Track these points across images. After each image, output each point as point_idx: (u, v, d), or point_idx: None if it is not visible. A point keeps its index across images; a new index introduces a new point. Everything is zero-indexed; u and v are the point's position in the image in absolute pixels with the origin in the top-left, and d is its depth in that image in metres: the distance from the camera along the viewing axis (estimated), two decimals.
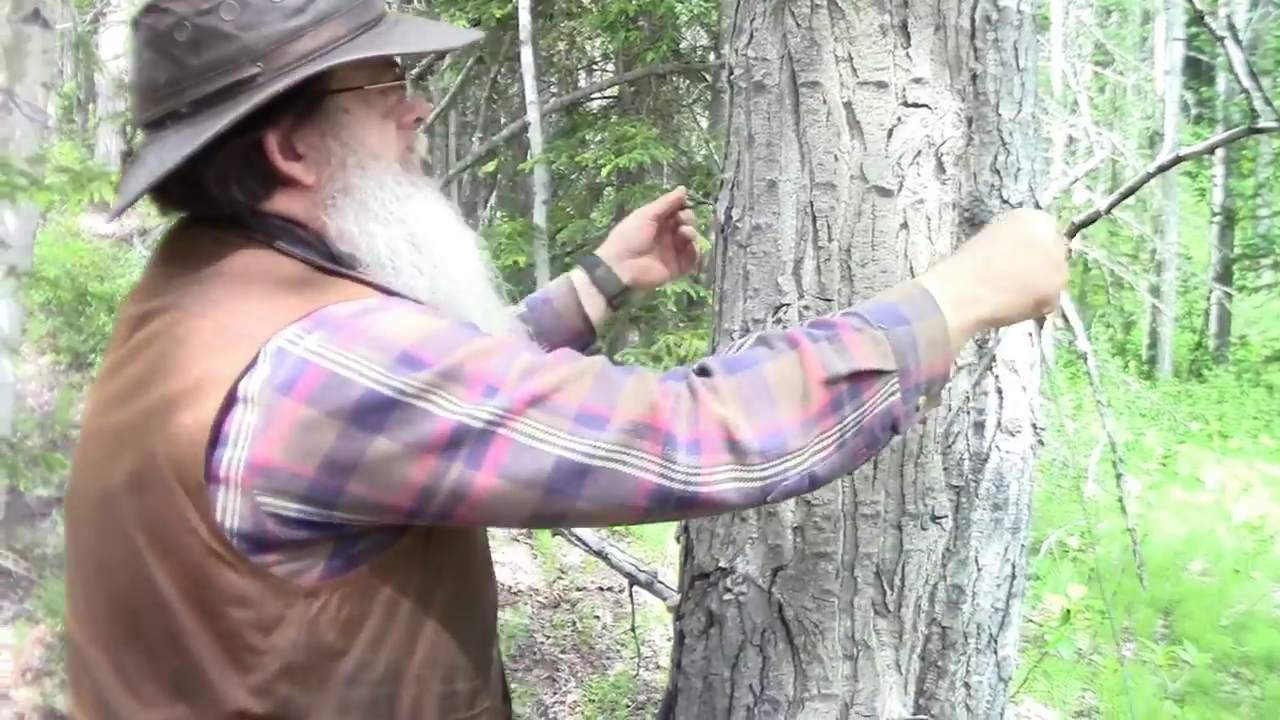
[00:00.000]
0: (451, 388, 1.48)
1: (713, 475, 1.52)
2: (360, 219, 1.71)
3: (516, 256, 13.52)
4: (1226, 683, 8.67)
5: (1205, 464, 15.81)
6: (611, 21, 13.30)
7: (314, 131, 1.69)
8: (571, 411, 1.50)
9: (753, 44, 2.23)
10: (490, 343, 1.55)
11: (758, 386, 1.55)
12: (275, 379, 1.48)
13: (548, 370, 1.53)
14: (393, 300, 1.61)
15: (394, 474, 1.47)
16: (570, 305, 2.45)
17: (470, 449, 1.48)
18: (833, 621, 2.19)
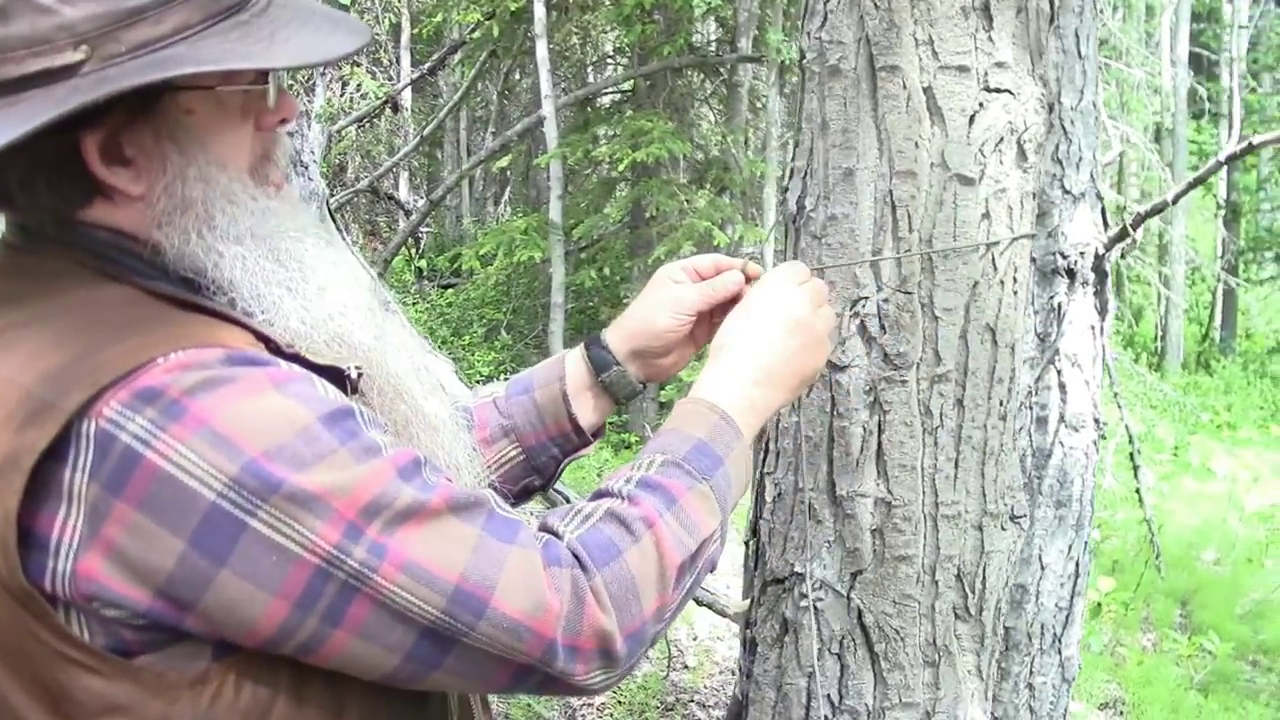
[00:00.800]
0: (306, 519, 1.28)
1: (585, 679, 1.44)
2: (205, 237, 1.43)
3: (532, 252, 13.42)
4: (1245, 671, 8.64)
5: (1216, 454, 15.77)
6: (627, 15, 13.20)
7: (146, 132, 1.40)
8: (449, 586, 1.34)
9: (827, 26, 2.13)
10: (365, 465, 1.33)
11: (625, 582, 1.47)
12: (102, 472, 1.25)
13: (424, 521, 1.35)
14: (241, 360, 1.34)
15: (240, 614, 1.29)
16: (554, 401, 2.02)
17: (329, 602, 1.31)
18: (914, 627, 2.12)
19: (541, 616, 1.38)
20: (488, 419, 2.03)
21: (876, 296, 2.09)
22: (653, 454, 1.64)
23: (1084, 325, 2.43)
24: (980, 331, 2.08)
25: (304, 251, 1.52)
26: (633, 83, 15.06)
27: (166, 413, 1.26)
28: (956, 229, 2.05)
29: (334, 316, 1.51)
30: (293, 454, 1.28)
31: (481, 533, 1.39)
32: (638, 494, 1.56)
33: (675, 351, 2.02)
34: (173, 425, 1.25)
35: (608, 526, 1.51)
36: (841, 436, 2.12)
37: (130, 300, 1.39)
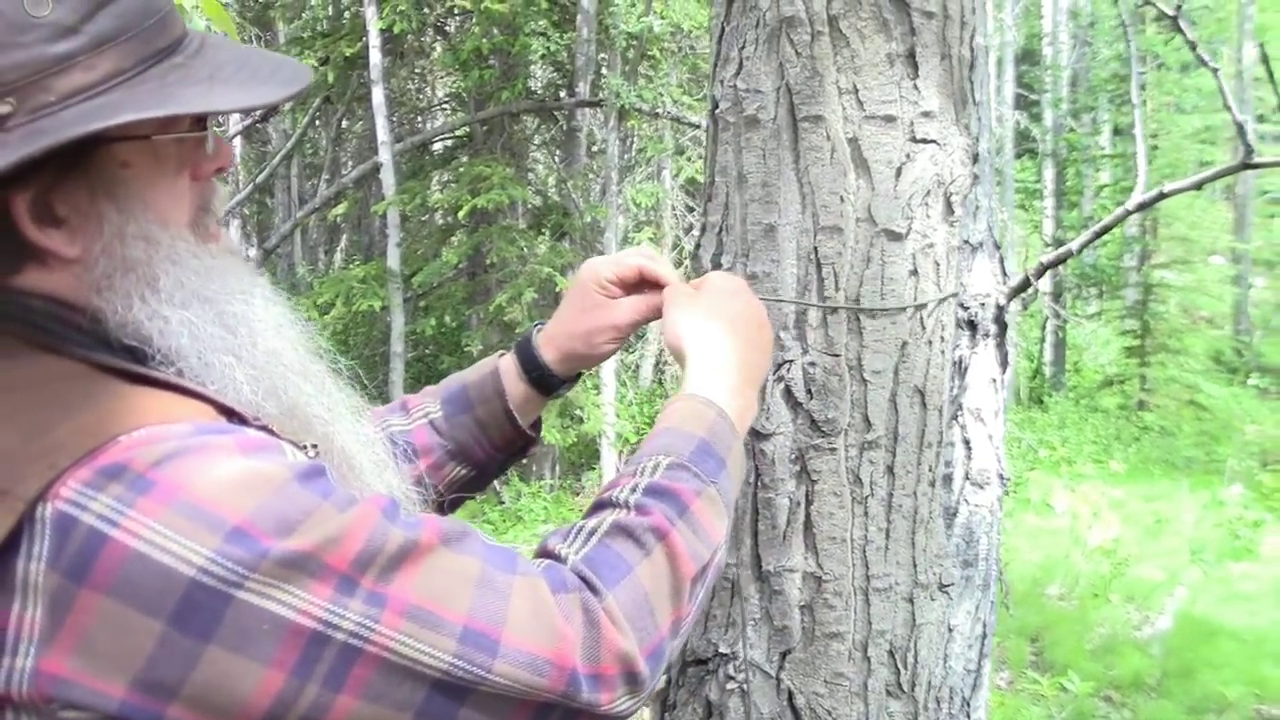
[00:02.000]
0: (297, 579, 1.18)
1: (611, 707, 1.36)
2: (149, 302, 1.32)
3: (371, 301, 13.21)
4: (1100, 708, 8.76)
5: (1055, 490, 16.08)
6: (464, 60, 13.11)
7: (81, 189, 1.29)
8: (456, 627, 1.25)
9: (743, 74, 2.02)
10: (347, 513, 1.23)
11: (639, 599, 1.40)
12: (62, 559, 1.13)
13: (419, 560, 1.26)
14: (208, 431, 1.24)
15: (231, 694, 1.16)
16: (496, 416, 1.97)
17: (330, 665, 1.20)
18: (846, 707, 2.01)
19: (558, 646, 1.30)
20: (430, 444, 1.98)
21: (802, 359, 1.97)
22: (655, 455, 1.58)
23: (986, 379, 2.35)
24: (910, 394, 1.99)
25: (251, 314, 1.41)
26: (469, 128, 14.96)
27: (133, 488, 1.15)
28: (884, 286, 1.96)
29: (286, 388, 1.41)
30: (276, 516, 1.19)
31: (482, 564, 1.31)
32: (646, 502, 1.49)
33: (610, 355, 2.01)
34: (141, 500, 1.15)
35: (615, 542, 1.45)
36: (767, 509, 2.00)
37: (74, 374, 1.27)
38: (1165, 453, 22.14)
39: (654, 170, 16.23)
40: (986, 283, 2.33)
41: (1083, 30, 31.55)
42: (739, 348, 1.74)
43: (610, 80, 13.36)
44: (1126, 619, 11.22)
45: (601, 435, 13.70)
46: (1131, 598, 11.76)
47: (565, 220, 14.26)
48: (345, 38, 13.99)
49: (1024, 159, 32.90)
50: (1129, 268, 28.50)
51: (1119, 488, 16.49)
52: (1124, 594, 11.76)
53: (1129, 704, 9.00)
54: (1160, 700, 8.98)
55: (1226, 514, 14.91)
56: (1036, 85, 31.70)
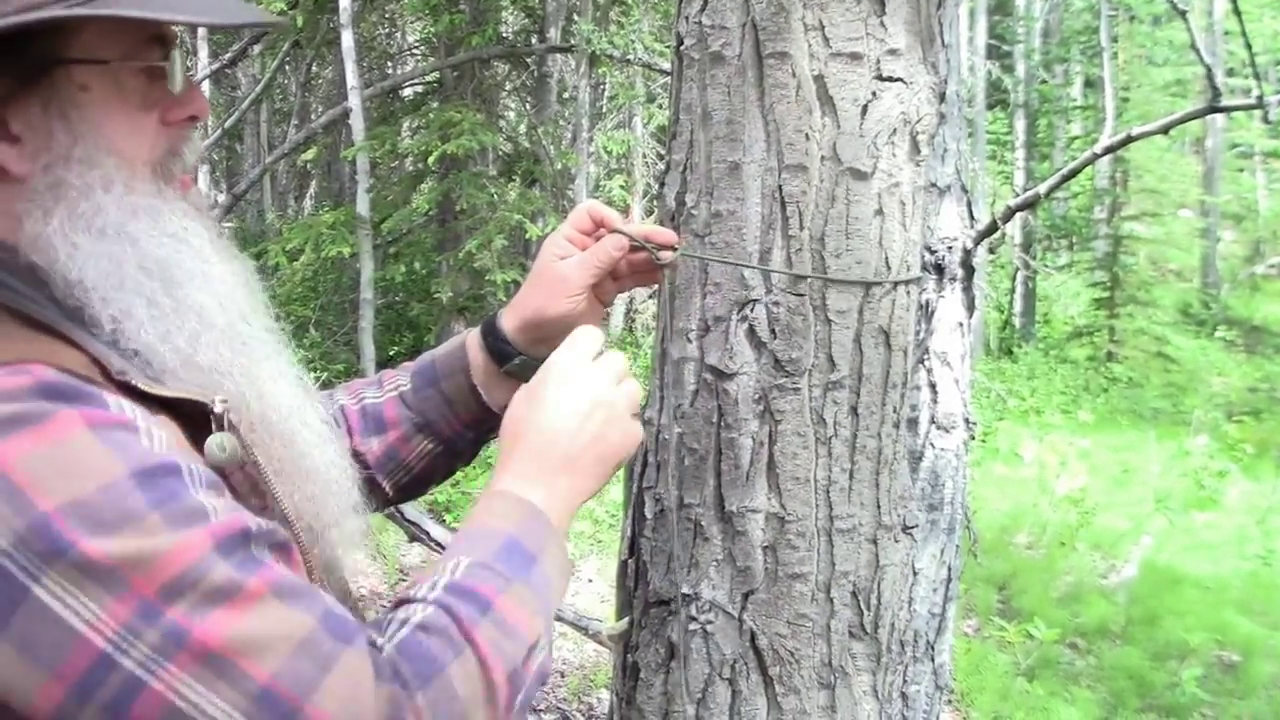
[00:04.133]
0: (94, 591, 1.11)
1: None
2: (67, 226, 1.29)
3: (340, 247, 13.12)
4: (1065, 655, 8.83)
5: (1023, 439, 16.18)
6: (434, 4, 13.01)
7: (35, 107, 1.28)
8: (255, 686, 1.15)
9: (708, 10, 1.99)
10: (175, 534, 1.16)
11: (452, 700, 1.29)
12: None
13: (241, 605, 1.17)
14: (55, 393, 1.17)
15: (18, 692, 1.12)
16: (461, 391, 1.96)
17: (112, 694, 1.12)
18: (809, 648, 2.00)
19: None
20: (399, 417, 1.95)
21: (766, 299, 1.96)
22: (456, 557, 1.46)
23: (952, 323, 2.35)
24: (874, 334, 1.97)
25: (178, 260, 1.36)
26: (439, 74, 14.85)
27: None
28: (849, 225, 1.94)
29: (199, 338, 1.34)
30: (91, 513, 1.12)
31: (314, 625, 1.22)
32: (448, 600, 1.38)
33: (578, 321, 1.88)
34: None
35: (427, 638, 1.33)
36: (730, 449, 1.98)
37: None
38: (1133, 403, 22.26)
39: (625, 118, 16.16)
40: (954, 226, 2.32)
41: None
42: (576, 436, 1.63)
43: (581, 26, 13.26)
44: (1093, 567, 11.31)
45: None
46: (1098, 546, 11.85)
47: (536, 167, 14.19)
48: None
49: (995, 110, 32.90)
50: (1099, 220, 28.61)
51: (1087, 438, 16.56)
52: (1090, 543, 11.85)
53: (1094, 650, 9.08)
54: (1125, 647, 9.06)
55: (1192, 464, 15.04)
56: (1009, 36, 31.67)
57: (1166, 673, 8.37)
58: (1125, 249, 26.10)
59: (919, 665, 2.29)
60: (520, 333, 1.94)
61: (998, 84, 30.46)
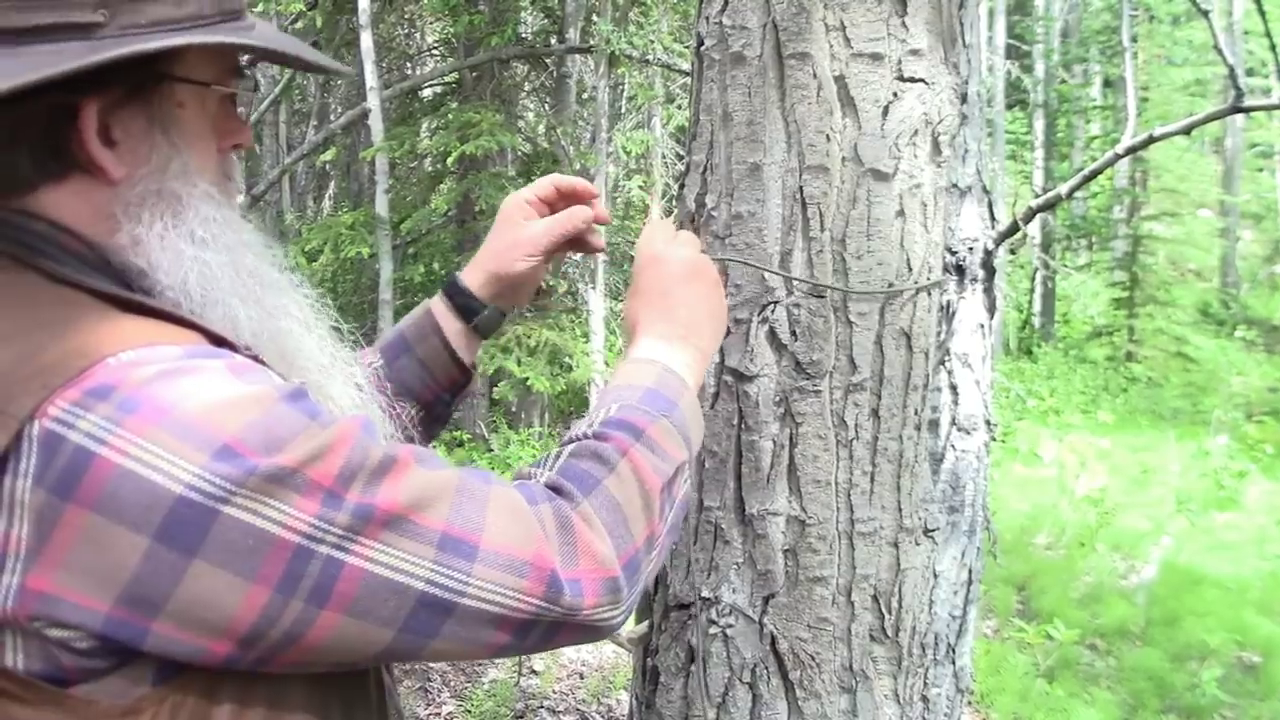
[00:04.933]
0: (283, 494, 1.19)
1: (594, 612, 1.38)
2: (169, 232, 1.36)
3: (359, 247, 13.11)
4: (1084, 655, 8.79)
5: (1043, 440, 16.13)
6: (454, 5, 13.00)
7: (139, 117, 1.35)
8: (434, 534, 1.27)
9: (729, 10, 1.99)
10: (331, 429, 1.25)
11: (613, 510, 1.44)
12: (48, 476, 1.14)
13: (400, 474, 1.28)
14: (198, 354, 1.26)
15: (215, 609, 1.18)
16: (438, 353, 2.03)
17: (314, 580, 1.21)
18: (830, 652, 1.99)
19: (536, 549, 1.33)
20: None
21: (786, 300, 1.95)
22: (606, 404, 1.62)
23: (973, 324, 2.33)
24: (895, 336, 1.97)
25: (262, 269, 1.47)
26: (459, 74, 14.84)
27: (122, 407, 1.17)
28: (870, 227, 1.93)
29: (286, 338, 1.47)
30: (264, 434, 1.20)
31: (458, 477, 1.34)
32: (603, 430, 1.54)
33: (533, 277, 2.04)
34: (129, 419, 1.16)
35: (581, 461, 1.48)
36: (750, 451, 1.98)
37: (67, 299, 1.28)
38: (1152, 403, 22.19)
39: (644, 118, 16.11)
40: (975, 227, 2.31)
41: None
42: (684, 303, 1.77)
43: (601, 26, 13.23)
44: (1112, 568, 11.24)
45: (590, 383, 13.65)
46: (1117, 547, 11.79)
47: (554, 167, 14.14)
48: None
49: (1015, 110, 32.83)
50: (1118, 220, 28.54)
51: (1106, 438, 16.52)
52: (1110, 543, 11.78)
53: (1113, 651, 9.02)
54: (1144, 648, 9.01)
55: (1212, 464, 14.96)
56: (1028, 35, 31.61)
57: (1187, 674, 8.32)
58: (1145, 249, 26.03)
59: (940, 668, 2.27)
60: (484, 288, 2.02)
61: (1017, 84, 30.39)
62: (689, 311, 1.77)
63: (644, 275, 1.82)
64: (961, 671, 2.36)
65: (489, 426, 14.56)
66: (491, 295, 2.03)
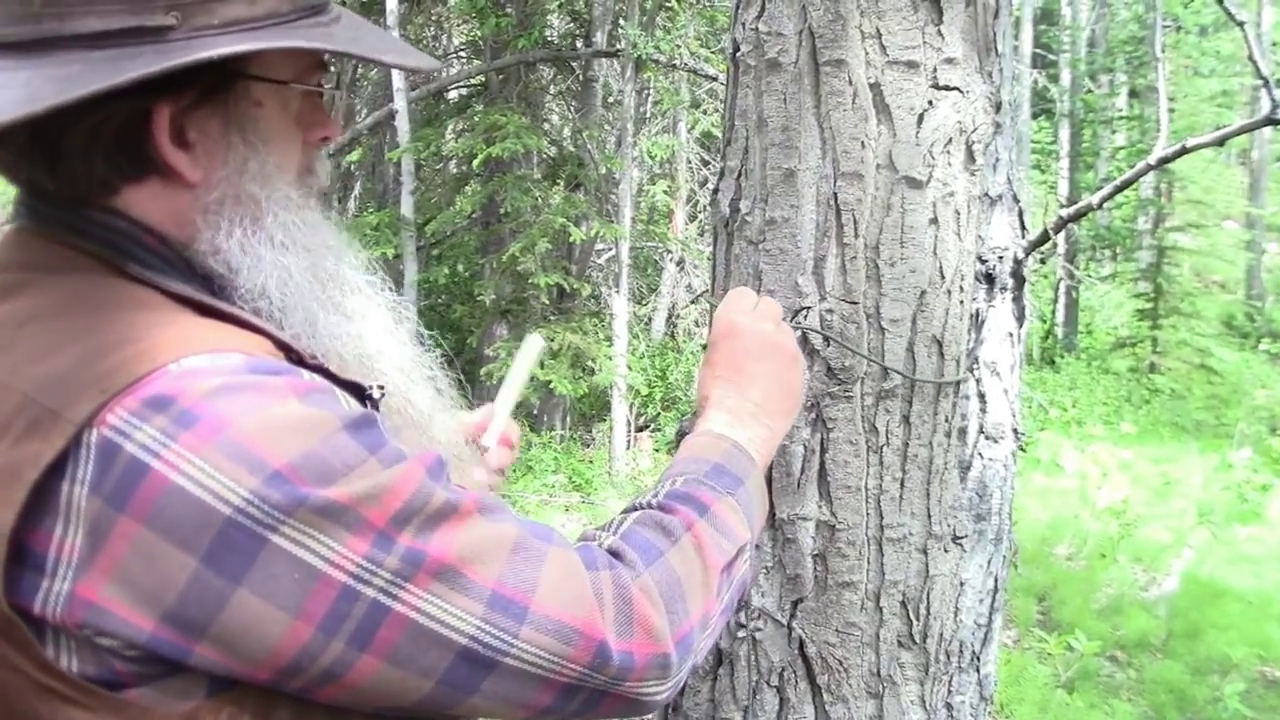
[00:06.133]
0: (334, 531, 1.17)
1: (640, 686, 1.37)
2: (249, 237, 1.36)
3: (384, 248, 13.15)
4: (1105, 667, 8.76)
5: (1064, 450, 16.07)
6: (481, 7, 13.03)
7: (215, 117, 1.33)
8: (486, 591, 1.25)
9: (765, 17, 2.00)
10: (394, 469, 1.23)
11: (672, 584, 1.42)
12: (104, 485, 1.14)
13: (459, 523, 1.26)
14: (262, 369, 1.24)
15: (257, 639, 1.17)
16: None
17: (357, 623, 1.19)
18: (858, 657, 2.00)
19: (588, 616, 1.30)
20: None
21: (820, 306, 1.96)
22: (673, 477, 1.61)
23: (1002, 333, 2.33)
24: (927, 343, 1.97)
25: (342, 272, 1.46)
26: (485, 77, 14.88)
27: (178, 421, 1.15)
28: (904, 235, 1.94)
29: (364, 340, 1.45)
30: (319, 464, 1.18)
31: (518, 532, 1.32)
32: (668, 503, 1.53)
33: None
34: (185, 434, 1.15)
35: (644, 530, 1.47)
36: (781, 456, 1.99)
37: (143, 301, 1.28)
38: (1175, 415, 22.09)
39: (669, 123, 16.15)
40: (1005, 236, 2.31)
41: None
42: (758, 381, 1.76)
43: (628, 30, 13.26)
44: (1133, 579, 11.20)
45: (613, 387, 13.68)
46: (1139, 558, 11.75)
47: (580, 171, 14.17)
48: None
49: (1040, 119, 32.75)
50: (1143, 230, 28.41)
51: (1128, 449, 16.44)
52: (1131, 555, 11.74)
53: (1134, 663, 9.00)
54: (1166, 660, 8.98)
55: (1235, 477, 14.89)
56: (1055, 45, 31.53)
57: (1208, 687, 8.29)
58: (1169, 260, 25.92)
59: (964, 676, 2.28)
60: None
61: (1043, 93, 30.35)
62: (763, 389, 1.75)
63: (720, 347, 1.81)
64: (985, 680, 2.36)
65: None
66: None
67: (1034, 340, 26.45)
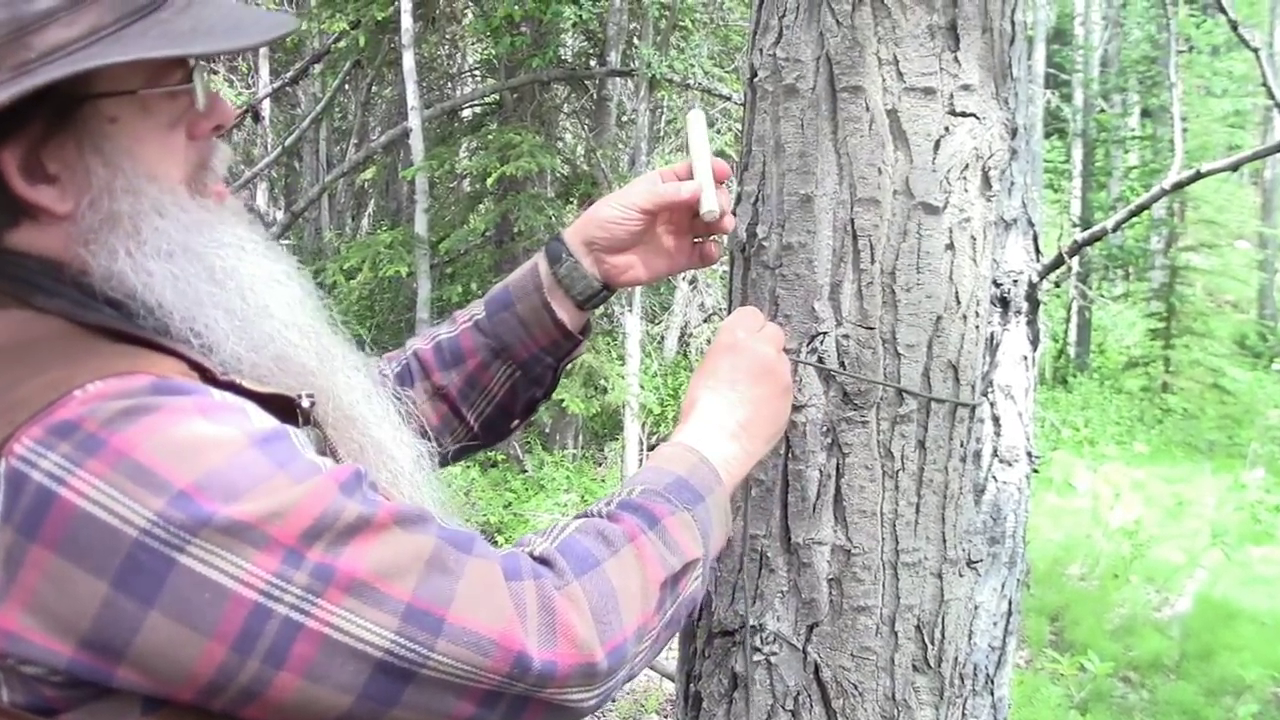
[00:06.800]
0: (241, 550, 1.17)
1: (562, 694, 1.36)
2: (134, 255, 1.33)
3: (398, 266, 13.16)
4: (1118, 688, 8.75)
5: (1077, 470, 16.08)
6: (496, 26, 13.05)
7: (69, 145, 1.31)
8: (400, 605, 1.25)
9: (783, 43, 2.01)
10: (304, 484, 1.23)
11: (605, 593, 1.41)
12: (14, 514, 1.14)
13: (372, 537, 1.25)
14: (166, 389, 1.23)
15: (174, 661, 1.17)
16: (536, 311, 2.00)
17: (271, 641, 1.19)
18: (873, 681, 2.00)
19: (504, 627, 1.30)
20: (475, 345, 2.01)
21: (836, 331, 1.96)
22: (631, 485, 1.62)
23: (1017, 356, 2.34)
24: (943, 368, 1.98)
25: (241, 267, 1.42)
26: (499, 95, 14.90)
27: (82, 447, 1.16)
28: (920, 261, 1.94)
29: (275, 338, 1.41)
30: (224, 482, 1.18)
31: (435, 542, 1.31)
32: (617, 512, 1.53)
33: (630, 253, 2.03)
34: (89, 460, 1.16)
35: (585, 538, 1.47)
36: (797, 480, 1.99)
37: (56, 332, 1.28)
38: (1188, 435, 22.07)
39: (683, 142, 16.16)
40: (1019, 259, 2.32)
41: (1114, 11, 31.40)
42: (748, 402, 1.78)
43: (642, 50, 13.29)
44: (1146, 600, 11.22)
45: (625, 406, 13.67)
46: (1151, 579, 11.76)
47: (593, 190, 14.15)
48: (377, 2, 13.87)
49: (1052, 138, 32.77)
50: (1155, 250, 28.39)
51: (1141, 469, 16.48)
52: (1144, 575, 11.75)
53: (1147, 685, 9.01)
54: (1179, 681, 8.99)
55: (1248, 498, 14.90)
56: (1067, 65, 31.55)
57: (1221, 709, 8.29)
58: (1182, 280, 25.92)
59: (978, 699, 2.28)
60: (574, 232, 2.02)
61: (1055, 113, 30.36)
62: (750, 412, 1.77)
63: (716, 360, 1.82)
64: (999, 703, 2.37)
65: (523, 447, 14.58)
66: (581, 243, 2.00)
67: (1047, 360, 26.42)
